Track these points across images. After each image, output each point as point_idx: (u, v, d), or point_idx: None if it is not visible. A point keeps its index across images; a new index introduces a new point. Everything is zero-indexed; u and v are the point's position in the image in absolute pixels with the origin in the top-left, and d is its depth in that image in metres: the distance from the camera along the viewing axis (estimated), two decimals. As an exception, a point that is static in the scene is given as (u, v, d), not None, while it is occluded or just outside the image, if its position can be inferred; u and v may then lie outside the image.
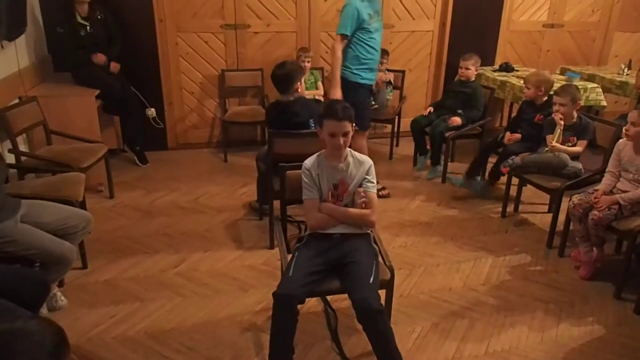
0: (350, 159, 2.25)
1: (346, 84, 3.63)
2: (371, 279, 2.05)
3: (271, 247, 3.16)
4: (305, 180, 2.24)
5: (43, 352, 1.13)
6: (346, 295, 2.33)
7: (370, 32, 3.57)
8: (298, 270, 2.08)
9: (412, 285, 2.85)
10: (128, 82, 4.26)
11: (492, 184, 3.97)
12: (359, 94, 3.66)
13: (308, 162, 2.27)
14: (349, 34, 3.52)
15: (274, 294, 2.01)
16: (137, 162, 4.43)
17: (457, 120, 4.16)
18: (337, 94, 3.57)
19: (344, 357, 2.27)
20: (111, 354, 2.27)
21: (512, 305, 2.70)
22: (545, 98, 3.69)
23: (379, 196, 3.55)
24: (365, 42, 3.58)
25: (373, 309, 1.96)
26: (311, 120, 3.05)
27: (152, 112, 4.61)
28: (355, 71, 3.63)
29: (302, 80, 3.25)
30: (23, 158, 3.26)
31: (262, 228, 3.38)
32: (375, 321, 1.99)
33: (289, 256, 2.30)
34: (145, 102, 4.53)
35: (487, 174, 4.02)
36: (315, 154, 2.28)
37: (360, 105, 3.72)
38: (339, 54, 3.56)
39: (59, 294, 2.54)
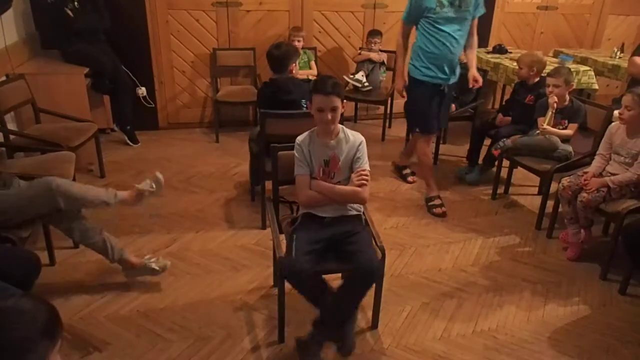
0: (341, 135, 2.25)
1: (408, 78, 3.39)
2: (373, 248, 2.11)
3: (263, 227, 3.16)
4: (297, 156, 2.24)
5: (35, 330, 1.13)
6: (339, 275, 2.36)
7: (437, 22, 3.15)
8: (301, 250, 2.09)
9: (402, 265, 2.88)
10: (118, 60, 4.20)
11: (486, 170, 3.98)
12: (415, 91, 3.36)
13: (300, 138, 2.27)
14: (405, 20, 3.27)
15: (285, 279, 2.07)
16: (128, 141, 4.39)
17: (452, 106, 4.14)
18: (397, 84, 3.38)
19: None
20: (103, 332, 2.28)
21: (500, 285, 2.74)
22: (537, 79, 3.70)
23: (435, 212, 3.45)
24: (430, 33, 3.19)
25: (376, 272, 2.05)
26: (303, 100, 3.04)
27: (142, 91, 4.55)
28: (415, 64, 3.31)
29: (297, 62, 3.25)
30: (12, 137, 3.22)
31: (254, 208, 3.39)
32: (370, 282, 2.08)
33: (282, 236, 2.31)
34: (135, 81, 4.47)
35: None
36: (308, 131, 2.28)
37: (416, 104, 3.42)
38: (401, 40, 3.34)
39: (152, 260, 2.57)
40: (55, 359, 1.18)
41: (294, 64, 3.17)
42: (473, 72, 3.40)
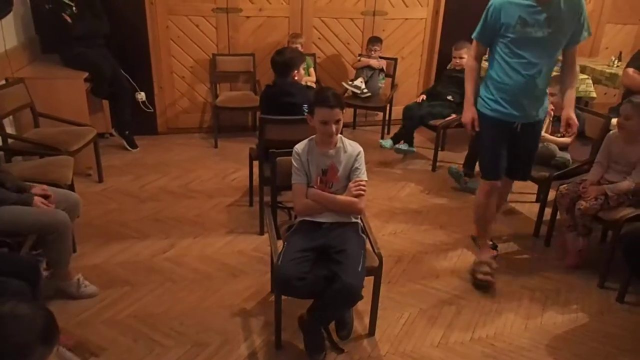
0: (340, 145, 2.25)
1: (477, 111, 2.73)
2: (359, 268, 2.07)
3: (261, 233, 3.16)
4: (295, 164, 2.24)
5: (32, 334, 1.13)
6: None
7: (515, 44, 2.49)
8: (287, 257, 2.09)
9: (400, 272, 2.87)
10: (118, 65, 4.21)
11: (470, 175, 3.99)
12: (481, 127, 2.70)
13: (299, 146, 2.27)
14: (476, 38, 2.67)
15: (276, 289, 2.12)
16: (127, 146, 4.39)
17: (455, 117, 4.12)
18: (465, 117, 2.72)
19: (332, 342, 2.29)
20: (100, 337, 2.27)
21: (498, 292, 2.74)
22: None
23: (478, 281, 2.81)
24: (505, 59, 2.55)
25: (356, 297, 2.05)
26: (305, 105, 3.05)
27: (142, 96, 4.56)
28: (483, 96, 2.69)
29: (301, 68, 3.25)
30: (10, 140, 3.22)
31: (252, 214, 3.38)
32: (349, 304, 2.19)
33: (279, 242, 2.31)
34: (135, 86, 4.48)
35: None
36: (307, 139, 2.28)
37: (481, 141, 2.80)
38: (470, 62, 2.73)
39: (81, 278, 2.53)
40: (52, 365, 1.18)
41: (296, 71, 3.17)
42: (568, 113, 2.64)
